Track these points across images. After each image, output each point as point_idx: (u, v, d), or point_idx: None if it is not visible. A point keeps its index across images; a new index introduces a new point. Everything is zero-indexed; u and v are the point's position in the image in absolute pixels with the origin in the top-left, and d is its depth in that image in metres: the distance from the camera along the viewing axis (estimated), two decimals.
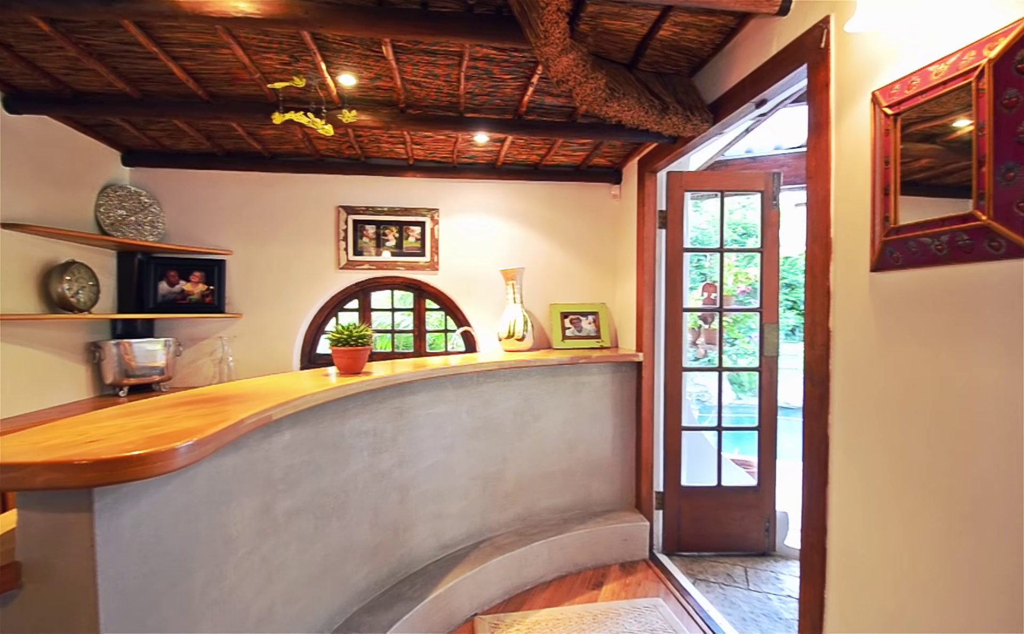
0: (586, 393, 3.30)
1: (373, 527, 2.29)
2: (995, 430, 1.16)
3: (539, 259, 3.82)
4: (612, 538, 3.12)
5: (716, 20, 2.07)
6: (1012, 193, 1.10)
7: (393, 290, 3.89)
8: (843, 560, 1.64)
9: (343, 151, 3.44)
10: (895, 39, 1.41)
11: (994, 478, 1.16)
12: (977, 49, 1.17)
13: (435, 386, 2.66)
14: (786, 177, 3.57)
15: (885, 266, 1.44)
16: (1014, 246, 1.10)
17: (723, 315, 3.35)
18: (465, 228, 3.76)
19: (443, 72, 2.43)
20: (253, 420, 1.40)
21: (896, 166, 1.38)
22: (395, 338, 3.98)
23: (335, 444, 2.08)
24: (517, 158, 3.59)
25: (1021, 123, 1.08)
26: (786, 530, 3.25)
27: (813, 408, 1.75)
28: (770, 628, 2.52)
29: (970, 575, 1.22)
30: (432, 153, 3.48)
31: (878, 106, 1.43)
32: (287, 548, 1.81)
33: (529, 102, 2.68)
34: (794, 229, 6.46)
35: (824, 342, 1.69)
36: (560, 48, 1.70)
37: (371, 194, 3.66)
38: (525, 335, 3.45)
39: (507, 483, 3.01)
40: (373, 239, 3.66)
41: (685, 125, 2.34)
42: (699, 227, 8.60)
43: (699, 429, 3.50)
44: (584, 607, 2.64)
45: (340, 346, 2.13)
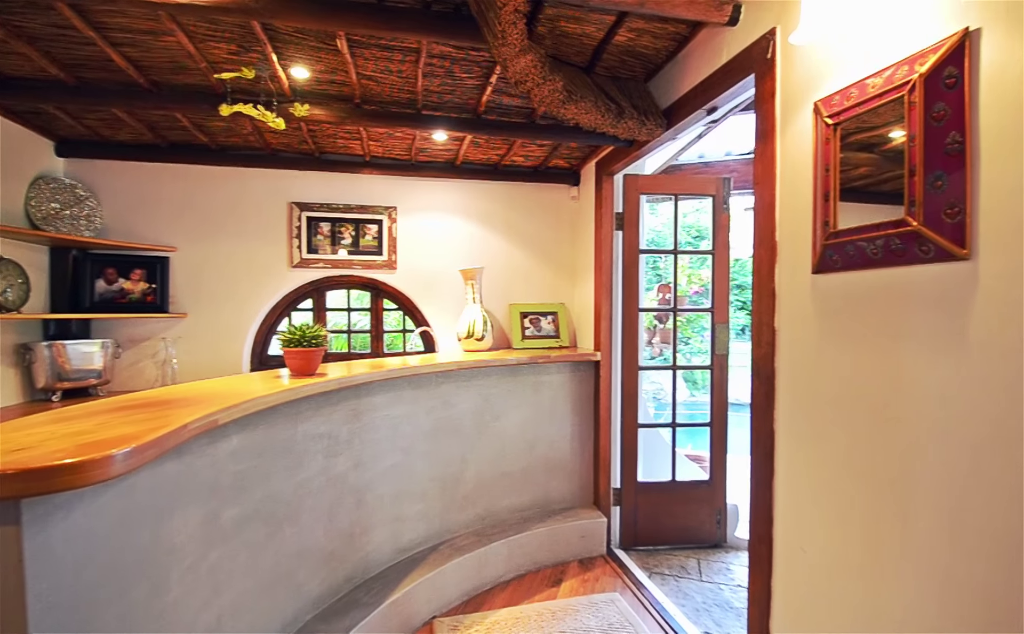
0: (545, 392, 3.32)
1: (328, 532, 2.23)
2: (923, 422, 1.24)
3: (499, 259, 3.82)
4: (571, 535, 3.15)
5: (669, 28, 2.13)
6: (940, 200, 1.18)
7: (349, 289, 3.81)
8: (788, 549, 1.71)
9: (296, 146, 3.34)
10: (835, 52, 1.48)
11: (922, 466, 1.24)
12: (909, 64, 1.24)
13: (393, 387, 2.61)
14: (736, 182, 3.70)
15: (825, 268, 1.52)
16: (942, 250, 1.18)
17: (677, 315, 3.44)
18: (424, 227, 3.72)
19: (400, 68, 2.39)
20: (197, 425, 1.34)
21: (836, 173, 1.46)
22: (351, 338, 3.89)
23: (287, 448, 2.01)
24: (476, 157, 3.58)
25: (949, 135, 1.16)
26: (736, 522, 3.37)
27: (760, 404, 1.82)
28: (722, 617, 2.61)
29: (901, 557, 1.30)
30: (389, 150, 3.42)
31: (820, 116, 1.50)
32: (236, 557, 1.74)
33: (488, 101, 2.68)
34: (744, 232, 6.71)
35: (770, 341, 1.77)
36: (518, 49, 1.71)
37: (326, 191, 3.57)
38: (485, 335, 3.44)
39: (467, 484, 3.00)
40: (328, 237, 3.57)
41: (640, 129, 2.39)
42: (655, 229, 8.82)
43: (654, 426, 3.59)
44: (543, 605, 2.66)
45: (292, 347, 2.07)
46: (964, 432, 1.15)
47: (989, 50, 1.09)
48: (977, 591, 1.12)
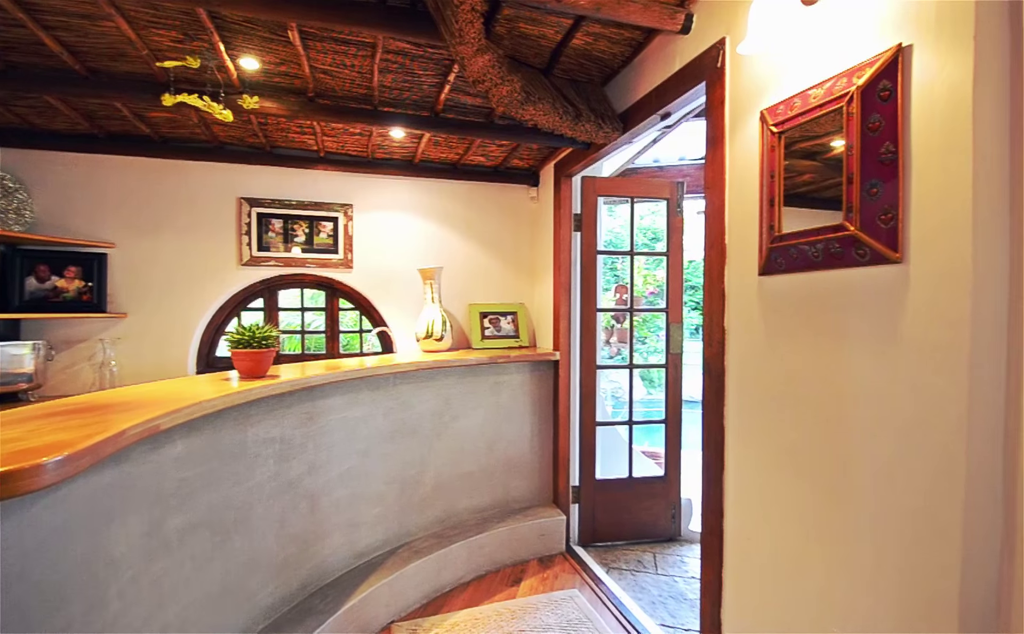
0: (505, 392, 3.32)
1: (280, 539, 2.16)
2: (859, 416, 1.31)
3: (458, 259, 3.80)
4: (530, 534, 3.17)
5: (625, 33, 2.17)
6: (876, 207, 1.25)
7: (303, 288, 3.70)
8: (737, 540, 1.78)
9: (245, 139, 3.23)
10: (780, 63, 1.55)
11: (858, 458, 1.32)
12: (848, 77, 1.31)
13: (349, 389, 2.56)
14: (689, 186, 3.81)
15: (771, 270, 1.58)
16: (877, 254, 1.25)
17: (634, 315, 3.51)
18: (381, 225, 3.65)
19: (356, 63, 2.34)
20: (137, 431, 1.28)
21: (780, 180, 1.52)
22: (305, 339, 3.78)
23: (236, 453, 1.94)
24: (435, 156, 3.55)
25: (883, 145, 1.23)
26: (690, 515, 3.48)
27: (711, 401, 1.88)
28: (676, 609, 2.68)
29: (839, 544, 1.37)
30: (345, 146, 3.35)
31: (766, 124, 1.57)
32: (181, 568, 1.67)
33: (446, 100, 2.66)
34: (697, 234, 6.92)
35: (720, 340, 1.83)
36: (475, 48, 1.70)
37: (278, 186, 3.45)
38: (444, 335, 3.42)
39: (425, 486, 2.97)
40: (280, 234, 3.46)
41: (597, 132, 2.42)
42: (613, 231, 8.98)
43: (612, 424, 3.65)
44: (503, 604, 2.67)
45: (241, 348, 1.99)
46: (896, 425, 1.22)
47: (920, 65, 1.17)
48: (907, 573, 1.20)
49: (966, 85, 1.07)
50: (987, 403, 1.07)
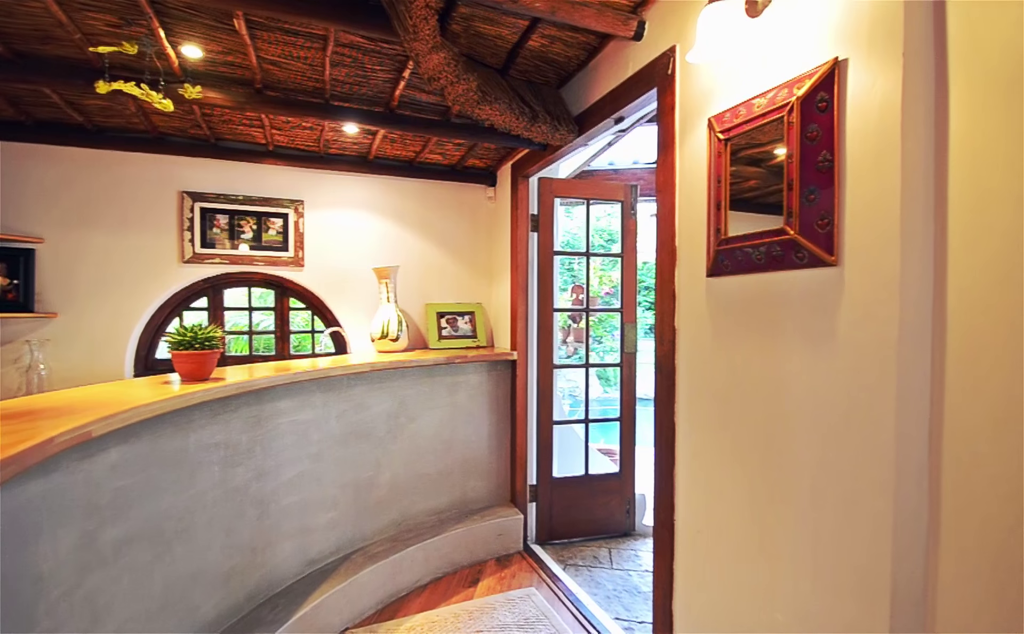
0: (463, 392, 3.31)
1: (226, 549, 2.07)
2: (800, 410, 1.38)
3: (414, 258, 3.75)
4: (488, 534, 3.16)
5: (580, 37, 2.20)
6: (813, 212, 1.31)
7: (251, 287, 3.56)
8: (688, 533, 1.83)
9: (188, 130, 3.08)
10: (727, 72, 1.60)
11: (796, 452, 1.38)
12: (789, 88, 1.37)
13: (300, 391, 2.48)
14: (643, 189, 3.91)
15: (718, 272, 1.64)
16: (814, 257, 1.32)
17: (590, 315, 3.56)
18: (334, 223, 3.56)
19: (306, 55, 2.27)
20: (67, 438, 1.20)
21: (726, 185, 1.58)
22: (254, 340, 3.64)
23: (177, 460, 1.85)
24: (391, 153, 3.49)
25: (821, 153, 1.30)
26: (644, 510, 3.56)
27: (662, 398, 1.93)
28: (630, 602, 2.74)
29: (779, 533, 1.43)
30: (295, 140, 3.24)
31: (713, 131, 1.62)
32: (118, 582, 1.58)
33: (401, 96, 2.62)
34: (650, 236, 7.10)
35: (671, 339, 1.88)
36: (430, 45, 1.68)
37: (223, 180, 3.31)
38: (400, 335, 3.37)
39: (381, 489, 2.92)
40: (226, 230, 3.32)
41: (553, 134, 2.45)
42: (570, 232, 9.09)
43: (569, 422, 3.69)
44: (460, 606, 2.65)
45: (182, 350, 1.90)
46: (832, 418, 1.29)
47: (855, 78, 1.23)
48: (843, 559, 1.27)
49: (895, 98, 1.14)
50: (913, 397, 1.14)
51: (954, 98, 1.10)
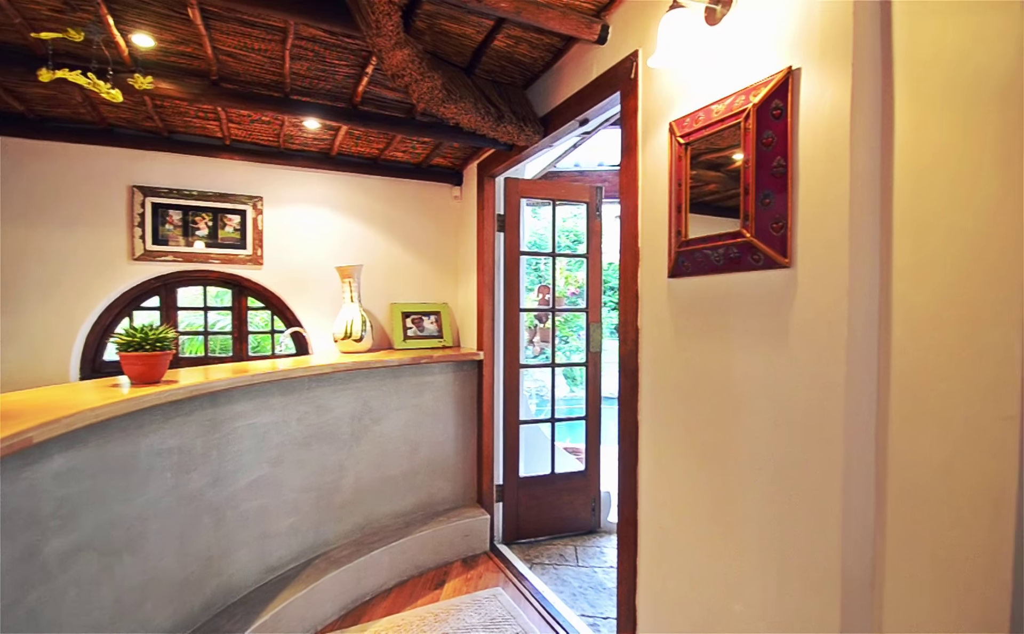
0: (428, 393, 3.28)
1: (180, 557, 2.00)
2: (756, 406, 1.42)
3: (379, 257, 3.69)
4: (454, 535, 3.15)
5: (545, 39, 2.21)
6: (768, 216, 1.36)
7: (206, 286, 3.43)
8: (651, 528, 1.87)
9: (139, 122, 2.94)
10: (688, 78, 1.64)
11: (752, 447, 1.43)
12: (746, 95, 1.41)
13: (259, 393, 2.41)
14: (607, 191, 3.96)
15: (678, 273, 1.68)
16: (769, 259, 1.36)
17: (556, 315, 3.59)
18: (295, 220, 3.47)
19: (264, 47, 2.21)
20: (4, 445, 1.13)
21: (686, 188, 1.61)
22: (209, 341, 3.51)
23: (127, 466, 1.77)
24: (354, 150, 3.42)
25: (775, 159, 1.34)
26: (609, 507, 3.61)
27: (626, 397, 1.97)
28: (596, 599, 2.78)
29: (738, 526, 1.48)
30: (253, 135, 3.14)
31: (674, 135, 1.66)
32: (63, 596, 1.50)
33: (365, 92, 2.57)
34: (615, 237, 7.20)
35: (634, 338, 1.91)
36: (394, 42, 1.66)
37: (177, 175, 3.18)
38: (364, 336, 3.31)
39: (344, 492, 2.86)
40: (179, 227, 3.19)
41: (519, 134, 2.45)
42: (537, 232, 9.12)
43: (535, 422, 3.71)
44: (426, 608, 2.63)
45: (131, 351, 1.82)
46: (786, 414, 1.34)
47: (807, 87, 1.28)
48: (799, 550, 1.31)
49: (845, 107, 1.19)
50: (861, 394, 1.20)
51: (899, 107, 1.15)
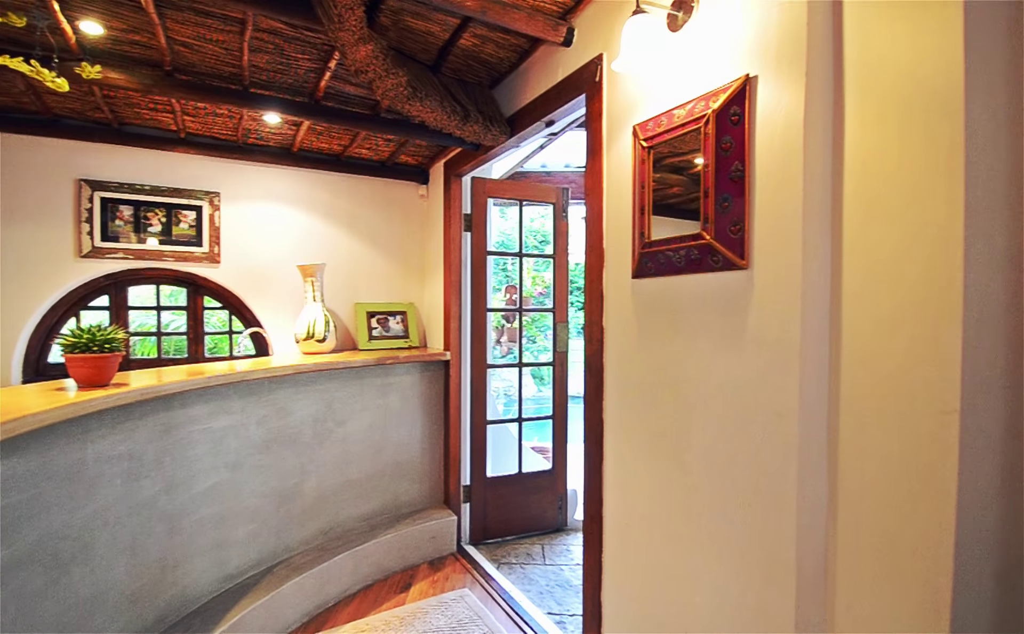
0: (394, 394, 3.24)
1: (132, 568, 1.91)
2: (715, 405, 1.46)
3: (343, 256, 3.62)
4: (420, 537, 3.12)
5: (511, 39, 2.21)
6: (727, 219, 1.40)
7: (159, 284, 3.30)
8: (616, 525, 1.89)
9: (87, 113, 2.80)
10: (651, 82, 1.67)
11: (711, 444, 1.46)
12: (706, 100, 1.45)
13: (215, 396, 2.33)
14: (574, 192, 3.99)
15: (642, 274, 1.70)
16: (728, 261, 1.40)
17: (523, 315, 3.60)
18: (254, 217, 3.37)
19: (221, 38, 2.13)
20: None
21: (649, 191, 1.64)
22: (163, 342, 3.38)
23: (73, 474, 1.68)
24: (317, 145, 3.35)
25: (734, 163, 1.38)
26: (575, 505, 3.64)
27: (591, 395, 1.99)
28: (563, 596, 2.80)
29: (703, 521, 1.51)
30: (210, 128, 3.03)
31: (637, 138, 1.68)
32: (3, 613, 1.42)
33: (327, 88, 2.52)
34: (582, 238, 7.27)
35: (599, 338, 1.93)
36: (357, 36, 1.63)
37: (128, 169, 3.04)
38: (327, 336, 3.24)
39: (306, 497, 2.80)
40: (131, 223, 3.05)
41: (485, 134, 2.45)
42: (505, 232, 9.13)
43: (502, 422, 3.71)
44: (391, 612, 2.59)
45: (78, 352, 1.73)
46: (744, 411, 1.37)
47: (764, 94, 1.32)
48: (757, 542, 1.35)
49: (799, 114, 1.24)
50: (814, 391, 1.24)
51: (849, 116, 1.20)
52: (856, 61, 1.19)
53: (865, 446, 1.16)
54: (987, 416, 1.01)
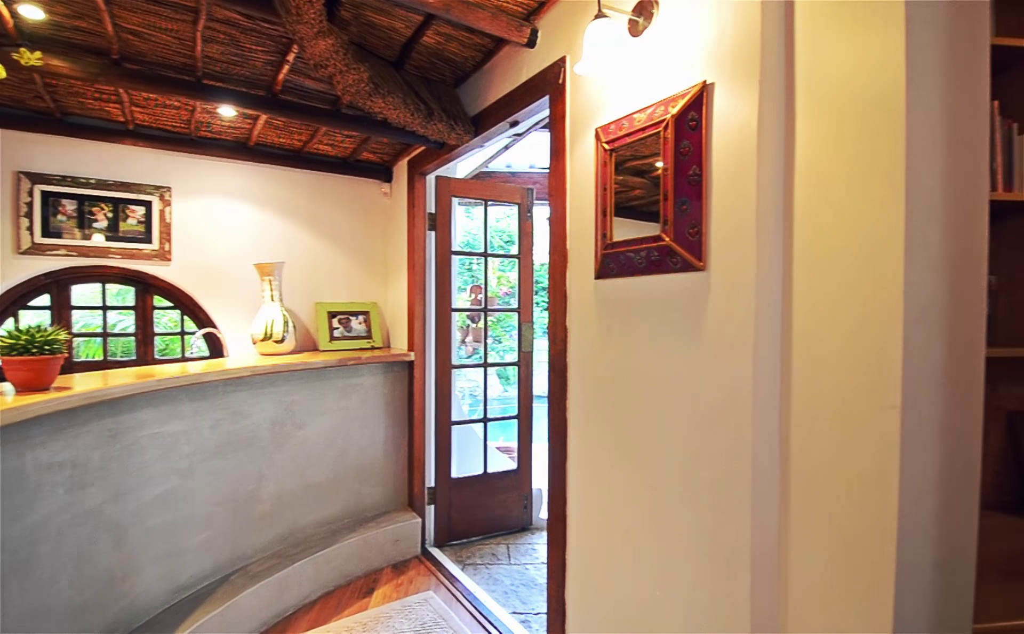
0: (356, 396, 3.18)
1: (76, 582, 1.82)
2: (675, 401, 1.49)
3: (303, 254, 3.53)
4: (383, 541, 3.07)
5: (475, 39, 2.21)
6: (685, 221, 1.43)
7: (105, 283, 3.14)
8: (579, 523, 1.91)
9: (27, 102, 2.64)
10: (613, 86, 1.69)
11: (668, 440, 1.50)
12: (665, 105, 1.48)
13: (166, 399, 2.24)
14: (539, 193, 4.02)
15: (604, 274, 1.73)
16: (686, 262, 1.43)
17: (488, 315, 3.59)
18: (208, 213, 3.24)
19: (173, 27, 2.05)
20: None
21: (611, 193, 1.67)
22: (109, 343, 3.21)
23: (11, 484, 1.59)
24: (274, 140, 3.25)
25: (691, 167, 1.41)
26: (541, 504, 3.66)
27: (555, 395, 2.00)
28: (527, 595, 2.81)
29: (664, 516, 1.55)
30: (161, 120, 2.90)
31: (599, 141, 1.70)
32: None
33: (286, 81, 2.45)
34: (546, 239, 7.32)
35: (563, 338, 1.95)
36: (316, 30, 1.59)
37: (71, 161, 2.88)
38: (286, 337, 3.15)
39: (264, 502, 2.71)
40: (75, 218, 2.89)
41: (450, 133, 2.43)
42: (470, 231, 9.10)
43: (467, 422, 3.70)
44: (353, 618, 2.55)
45: (15, 355, 1.63)
46: (702, 407, 1.41)
47: (720, 101, 1.36)
48: (716, 533, 1.39)
49: (753, 120, 1.28)
50: (767, 388, 1.29)
51: (799, 122, 1.25)
52: (807, 69, 1.23)
53: (815, 440, 1.21)
54: (926, 411, 1.07)
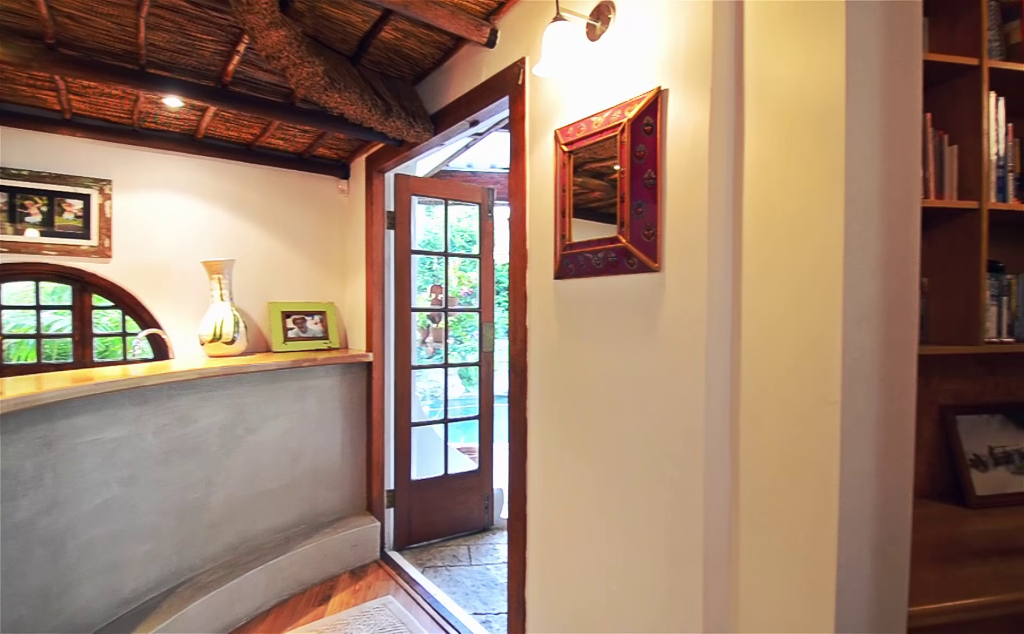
0: (312, 398, 3.10)
1: (8, 598, 1.71)
2: (630, 401, 1.53)
3: (255, 252, 3.41)
4: (341, 546, 3.01)
5: (435, 36, 2.18)
6: (641, 223, 1.46)
7: (38, 281, 2.94)
8: (539, 522, 1.92)
9: None
10: (571, 88, 1.71)
11: (631, 435, 1.53)
12: (622, 109, 1.50)
13: (106, 404, 2.12)
14: (499, 193, 4.02)
15: (563, 275, 1.75)
16: (642, 264, 1.46)
17: (449, 315, 3.57)
18: (152, 208, 3.08)
19: (112, 12, 1.93)
20: None
21: (570, 194, 1.68)
22: (43, 345, 3.01)
23: None
24: (224, 133, 3.12)
25: (647, 171, 1.44)
26: (502, 504, 3.67)
27: (515, 394, 2.01)
28: (488, 596, 2.80)
29: (621, 513, 1.57)
30: (101, 109, 2.74)
31: (558, 143, 1.72)
32: None
33: (236, 72, 2.36)
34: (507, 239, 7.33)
35: (523, 338, 1.96)
36: (268, 21, 1.54)
37: (1, 151, 2.69)
38: (236, 337, 3.04)
39: (213, 510, 2.61)
40: (4, 211, 2.69)
41: (409, 130, 2.40)
42: (431, 231, 9.01)
43: (427, 423, 3.66)
44: (308, 627, 2.48)
45: None
46: (657, 406, 1.45)
47: (674, 106, 1.39)
48: (670, 530, 1.43)
49: (704, 126, 1.32)
50: (718, 387, 1.33)
51: (748, 130, 1.30)
52: (755, 78, 1.28)
53: (762, 434, 1.25)
54: (864, 406, 1.12)
